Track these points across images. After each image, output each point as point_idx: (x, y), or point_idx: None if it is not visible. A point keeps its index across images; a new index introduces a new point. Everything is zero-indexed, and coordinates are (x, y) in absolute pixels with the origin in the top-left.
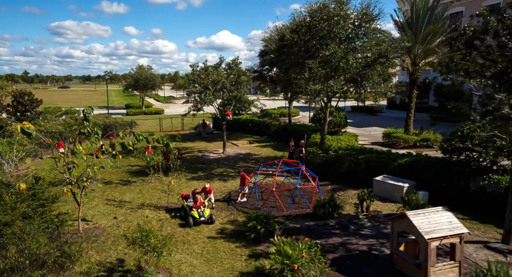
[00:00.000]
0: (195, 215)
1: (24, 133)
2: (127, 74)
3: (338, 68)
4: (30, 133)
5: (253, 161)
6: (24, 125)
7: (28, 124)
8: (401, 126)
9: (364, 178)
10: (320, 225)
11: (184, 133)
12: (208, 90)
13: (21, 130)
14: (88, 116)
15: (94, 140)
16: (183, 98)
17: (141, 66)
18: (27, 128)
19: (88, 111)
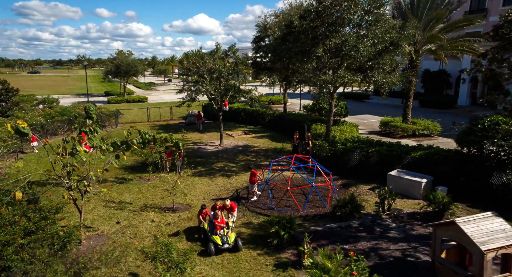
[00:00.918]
0: (218, 241)
1: (19, 134)
2: (107, 59)
3: (347, 57)
4: (27, 133)
5: (253, 154)
6: (19, 125)
7: (22, 122)
8: (393, 113)
9: (374, 172)
10: (343, 228)
11: (173, 123)
12: (204, 79)
13: (15, 130)
14: (91, 113)
15: (93, 138)
16: (165, 84)
17: (121, 52)
18: (23, 128)
19: (91, 108)
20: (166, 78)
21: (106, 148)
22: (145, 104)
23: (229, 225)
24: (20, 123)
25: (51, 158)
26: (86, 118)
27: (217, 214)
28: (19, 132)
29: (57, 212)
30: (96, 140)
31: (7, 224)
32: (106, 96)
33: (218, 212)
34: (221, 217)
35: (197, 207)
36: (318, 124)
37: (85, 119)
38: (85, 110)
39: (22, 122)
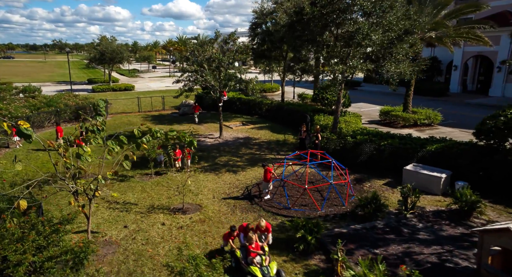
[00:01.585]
0: (257, 273)
1: (22, 136)
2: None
3: (359, 46)
4: (30, 135)
5: (256, 147)
6: (21, 126)
7: (24, 123)
8: (388, 101)
9: (387, 166)
10: (368, 229)
11: (166, 113)
12: (203, 68)
13: (17, 132)
14: (101, 110)
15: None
16: (149, 71)
17: (104, 37)
18: (25, 129)
19: (101, 105)
20: (150, 65)
21: (112, 148)
22: (132, 92)
23: (265, 250)
24: (22, 123)
25: (53, 159)
26: (95, 115)
27: (251, 238)
28: (21, 134)
29: (69, 223)
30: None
31: (15, 241)
32: (90, 84)
33: (252, 236)
34: (256, 242)
35: (207, 207)
36: (321, 115)
37: (95, 116)
38: (94, 107)
39: (24, 122)
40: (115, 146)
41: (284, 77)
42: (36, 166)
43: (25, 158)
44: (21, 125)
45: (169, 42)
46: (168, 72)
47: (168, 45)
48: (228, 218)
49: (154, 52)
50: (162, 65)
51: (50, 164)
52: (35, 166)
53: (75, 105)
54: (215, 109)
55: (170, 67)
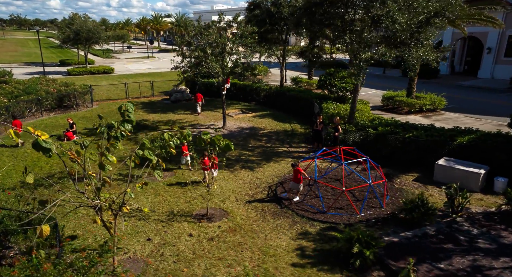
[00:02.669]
0: None
1: (39, 149)
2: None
3: (387, 31)
4: (49, 149)
5: (265, 139)
6: (39, 137)
7: (42, 133)
8: (385, 85)
9: (412, 160)
10: (421, 237)
11: (156, 100)
12: (206, 54)
13: (34, 145)
14: (130, 116)
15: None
16: (125, 52)
17: (76, 15)
18: (44, 142)
19: (130, 109)
20: (125, 45)
21: (137, 154)
22: (113, 76)
23: None
24: (40, 134)
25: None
26: (122, 122)
27: None
28: (39, 148)
29: (107, 251)
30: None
31: None
32: (62, 65)
33: None
34: None
35: (234, 212)
36: (330, 103)
37: (122, 123)
38: (121, 111)
39: (42, 132)
40: (148, 155)
41: (284, 61)
42: (26, 165)
43: (11, 155)
44: (39, 136)
45: (143, 20)
46: (145, 53)
47: (142, 23)
48: (261, 225)
49: (127, 30)
50: (137, 44)
51: (42, 163)
52: (25, 165)
53: (56, 92)
54: (208, 95)
55: (148, 48)
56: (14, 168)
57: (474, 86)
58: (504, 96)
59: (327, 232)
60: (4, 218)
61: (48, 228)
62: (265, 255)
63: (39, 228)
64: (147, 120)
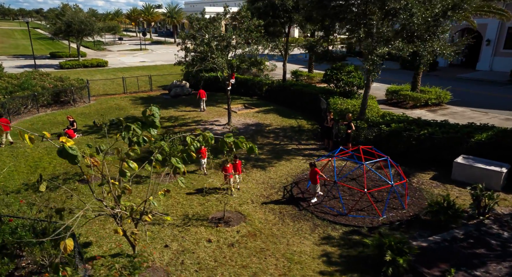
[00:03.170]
0: None
1: (67, 157)
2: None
3: (405, 25)
4: (75, 156)
5: (272, 136)
6: (65, 144)
7: (67, 140)
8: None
9: (427, 157)
10: (450, 241)
11: (155, 94)
12: (211, 48)
13: (60, 152)
14: (154, 121)
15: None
16: (116, 44)
17: (66, 6)
18: (71, 148)
19: (156, 114)
20: (116, 36)
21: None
22: (108, 69)
23: None
24: (65, 140)
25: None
26: (148, 126)
27: None
28: (65, 155)
29: (137, 268)
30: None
31: None
32: (53, 58)
33: None
34: None
35: (251, 215)
36: (336, 98)
37: (148, 128)
38: (145, 115)
39: (66, 139)
40: (176, 163)
41: (286, 55)
42: (28, 165)
43: (11, 155)
44: (64, 142)
45: (134, 11)
46: (138, 45)
47: (133, 14)
48: (281, 229)
49: (117, 21)
50: (128, 36)
51: (44, 163)
52: (27, 165)
53: (53, 87)
54: (209, 89)
55: (141, 39)
56: (15, 169)
57: (474, 79)
58: (505, 88)
59: (351, 236)
60: (18, 228)
61: (72, 243)
62: (290, 263)
63: (63, 243)
64: None
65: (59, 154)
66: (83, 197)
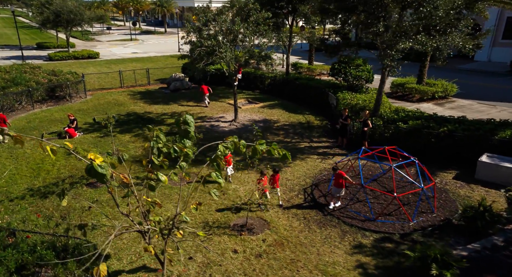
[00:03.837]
0: None
1: (95, 176)
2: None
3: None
4: (104, 175)
5: (282, 133)
6: (95, 162)
7: (95, 155)
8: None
9: (446, 155)
10: (491, 249)
11: (153, 89)
12: (219, 42)
13: (88, 171)
14: (189, 131)
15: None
16: (104, 33)
17: None
18: (100, 166)
19: (191, 123)
20: (104, 26)
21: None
22: (100, 61)
23: None
24: (93, 156)
25: None
26: (182, 137)
27: None
28: (93, 174)
29: None
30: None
31: None
32: (40, 49)
33: None
34: None
35: (274, 221)
36: (346, 93)
37: (181, 140)
38: (179, 125)
39: (95, 155)
40: (216, 177)
41: (290, 47)
42: (30, 168)
43: (10, 157)
44: (94, 159)
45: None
46: (127, 34)
47: (120, 2)
48: (309, 237)
49: (103, 10)
50: (115, 25)
51: (47, 165)
52: (29, 167)
53: (47, 82)
54: (209, 83)
55: (131, 29)
56: (17, 172)
57: (474, 70)
58: (506, 80)
59: (383, 244)
60: (37, 245)
61: (105, 268)
62: (324, 275)
63: (96, 269)
64: (150, 112)
65: (88, 173)
66: (94, 203)
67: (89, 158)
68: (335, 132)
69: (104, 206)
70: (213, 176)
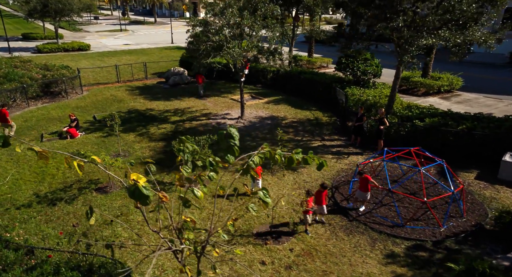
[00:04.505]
0: None
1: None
2: None
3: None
4: (148, 197)
5: (291, 130)
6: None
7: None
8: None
9: (466, 154)
10: None
11: (151, 83)
12: (226, 37)
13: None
14: (235, 143)
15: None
16: (92, 23)
17: None
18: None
19: (236, 137)
20: (91, 15)
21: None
22: (92, 54)
23: None
24: (136, 177)
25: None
26: (226, 152)
27: None
28: (137, 196)
29: None
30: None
31: None
32: (26, 40)
33: None
34: None
35: (298, 228)
36: (354, 88)
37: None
38: (222, 138)
39: (138, 176)
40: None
41: (293, 40)
42: (33, 172)
43: (10, 160)
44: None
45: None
46: (116, 24)
47: None
48: (338, 246)
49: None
50: (102, 14)
51: (51, 169)
52: (32, 171)
53: (41, 77)
54: (209, 77)
55: (120, 19)
56: (20, 176)
57: (473, 61)
58: (507, 71)
59: (416, 253)
60: (61, 265)
61: None
62: None
63: None
64: (152, 109)
65: (131, 195)
66: (106, 210)
67: (132, 178)
68: (346, 130)
69: (116, 212)
70: (260, 195)
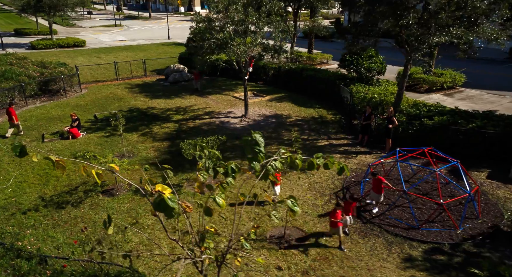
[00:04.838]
0: None
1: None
2: None
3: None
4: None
5: (297, 129)
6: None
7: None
8: None
9: (476, 153)
10: None
11: (150, 81)
12: (230, 34)
13: (157, 205)
14: (261, 149)
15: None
16: (85, 18)
17: None
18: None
19: (261, 144)
20: (84, 10)
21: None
22: (87, 50)
23: None
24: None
25: None
26: (251, 160)
27: None
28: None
29: None
30: None
31: None
32: (19, 36)
33: None
34: None
35: (312, 231)
36: (359, 86)
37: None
38: (248, 145)
39: (163, 186)
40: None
41: (294, 37)
42: (37, 174)
43: (12, 162)
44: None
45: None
46: (111, 20)
47: None
48: (354, 249)
49: None
50: (95, 9)
51: (55, 171)
52: (35, 174)
53: (39, 75)
54: (209, 74)
55: (114, 14)
56: (23, 179)
57: (473, 57)
58: (506, 67)
59: (435, 256)
60: (77, 276)
61: None
62: None
63: None
64: (153, 107)
65: (156, 207)
66: (114, 214)
67: (157, 190)
68: (352, 128)
69: (125, 216)
70: (288, 204)
